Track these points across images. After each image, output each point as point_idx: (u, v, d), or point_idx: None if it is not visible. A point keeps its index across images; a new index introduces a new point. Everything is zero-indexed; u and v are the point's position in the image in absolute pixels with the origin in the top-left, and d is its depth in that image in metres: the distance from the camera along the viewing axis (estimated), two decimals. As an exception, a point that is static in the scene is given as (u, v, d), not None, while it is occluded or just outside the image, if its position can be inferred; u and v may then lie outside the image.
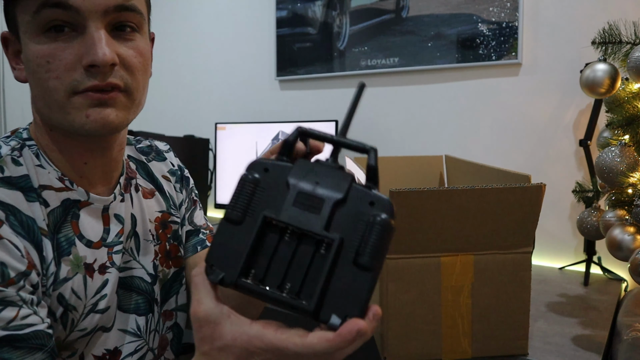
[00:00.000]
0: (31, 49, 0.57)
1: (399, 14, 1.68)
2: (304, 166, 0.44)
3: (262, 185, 0.43)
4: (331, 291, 0.40)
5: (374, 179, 0.46)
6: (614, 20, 1.07)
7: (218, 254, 0.43)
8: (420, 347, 0.83)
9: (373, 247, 0.40)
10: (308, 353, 0.39)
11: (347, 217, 0.42)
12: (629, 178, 0.93)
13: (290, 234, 0.42)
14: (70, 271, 0.61)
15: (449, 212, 0.79)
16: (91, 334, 0.64)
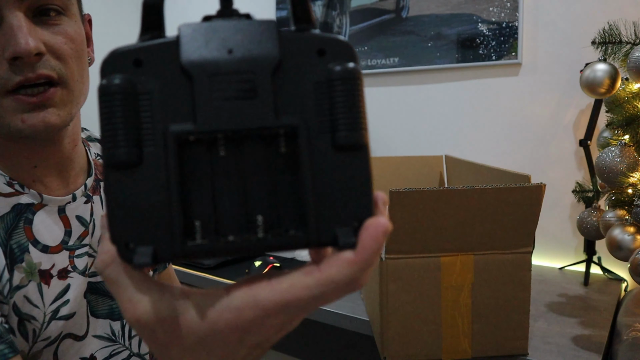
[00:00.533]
0: None
1: (399, 14, 1.68)
2: (195, 32, 0.27)
3: (144, 89, 0.27)
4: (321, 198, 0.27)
5: (306, 15, 0.30)
6: (613, 20, 1.07)
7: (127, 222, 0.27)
8: (420, 347, 0.83)
9: (350, 113, 0.27)
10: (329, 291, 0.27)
11: (295, 87, 0.27)
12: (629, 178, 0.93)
13: (226, 144, 0.27)
14: (23, 279, 0.57)
15: (449, 212, 0.79)
16: (57, 342, 0.60)
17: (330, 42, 0.28)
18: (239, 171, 0.27)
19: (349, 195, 0.27)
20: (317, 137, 0.27)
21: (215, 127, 0.26)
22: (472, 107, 1.59)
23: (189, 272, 1.34)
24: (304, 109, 0.27)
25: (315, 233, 0.27)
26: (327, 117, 0.27)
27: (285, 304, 0.27)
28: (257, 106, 0.26)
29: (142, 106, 0.26)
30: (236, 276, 1.29)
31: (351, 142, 0.27)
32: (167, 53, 0.27)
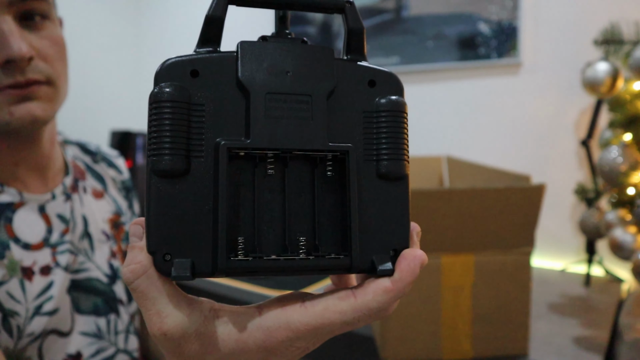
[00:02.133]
0: None
1: (399, 13, 1.68)
2: (253, 51, 0.29)
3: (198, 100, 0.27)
4: (362, 225, 0.28)
5: (360, 48, 0.30)
6: (615, 19, 1.06)
7: (167, 232, 0.26)
8: (420, 348, 0.82)
9: (394, 144, 0.29)
10: (362, 317, 0.28)
11: (346, 114, 0.28)
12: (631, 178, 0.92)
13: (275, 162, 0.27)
14: (5, 275, 0.58)
15: (449, 212, 0.78)
16: (41, 339, 0.61)
17: (381, 74, 0.29)
18: (284, 190, 0.27)
19: (388, 223, 0.29)
20: (363, 165, 0.28)
21: (268, 145, 0.26)
22: (473, 107, 1.58)
23: (188, 272, 1.34)
24: (352, 136, 0.28)
25: (357, 259, 0.27)
26: (373, 146, 0.28)
27: (317, 327, 0.28)
28: (311, 129, 0.27)
29: (195, 117, 0.27)
30: (236, 276, 1.28)
31: (393, 172, 0.29)
32: (225, 67, 0.28)
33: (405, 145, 0.29)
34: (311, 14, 1.88)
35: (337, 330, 0.29)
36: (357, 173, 0.28)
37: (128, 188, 0.83)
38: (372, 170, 0.29)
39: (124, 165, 0.83)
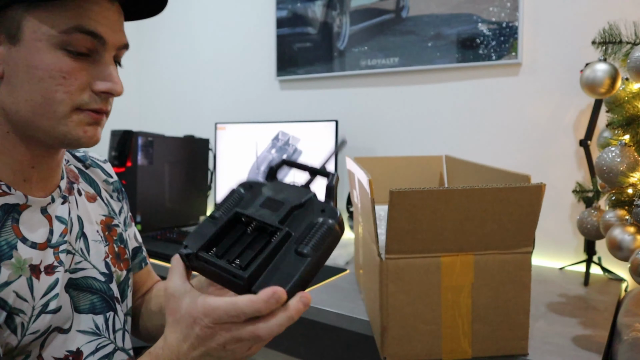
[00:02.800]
0: (45, 60, 0.58)
1: (399, 14, 1.68)
2: (278, 184, 0.57)
3: (243, 196, 0.56)
4: (269, 270, 0.48)
5: (331, 196, 0.54)
6: (614, 20, 1.07)
7: (192, 237, 0.53)
8: (420, 347, 0.83)
9: (315, 241, 0.49)
10: (235, 310, 0.47)
11: (300, 218, 0.52)
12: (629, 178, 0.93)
13: (253, 226, 0.52)
14: (12, 274, 0.60)
15: (449, 212, 0.79)
16: (44, 336, 0.63)
17: (331, 208, 0.52)
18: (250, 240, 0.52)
19: (283, 276, 0.47)
20: (292, 244, 0.49)
21: (251, 215, 0.53)
22: (472, 107, 1.59)
23: (188, 272, 1.34)
24: (296, 229, 0.51)
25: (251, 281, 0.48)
26: (303, 237, 0.49)
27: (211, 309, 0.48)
28: (275, 216, 0.52)
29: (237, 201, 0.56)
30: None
31: (304, 252, 0.48)
32: (261, 186, 0.57)
33: (320, 245, 0.49)
34: (312, 15, 1.88)
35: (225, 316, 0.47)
36: (285, 245, 0.49)
37: (119, 190, 0.87)
38: (294, 247, 0.49)
39: (112, 170, 0.87)
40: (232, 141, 2.00)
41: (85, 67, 0.60)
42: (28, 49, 0.58)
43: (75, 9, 0.58)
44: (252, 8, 2.07)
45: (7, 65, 0.59)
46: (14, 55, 0.58)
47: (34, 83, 0.58)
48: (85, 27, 0.59)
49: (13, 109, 0.60)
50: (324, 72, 1.87)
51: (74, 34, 0.58)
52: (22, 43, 0.58)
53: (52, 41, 0.58)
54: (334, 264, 1.40)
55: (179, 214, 1.96)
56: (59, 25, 0.58)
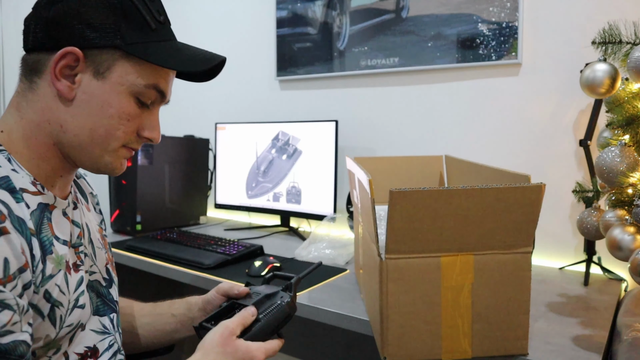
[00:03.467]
0: (121, 103, 0.67)
1: (399, 14, 1.68)
2: (269, 287, 0.85)
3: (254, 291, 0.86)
4: None
5: (290, 289, 0.83)
6: (613, 20, 1.07)
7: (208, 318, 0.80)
8: (420, 347, 0.83)
9: (269, 312, 0.78)
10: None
11: (269, 302, 0.80)
12: (629, 178, 0.93)
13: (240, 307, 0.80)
14: (54, 268, 0.64)
15: (449, 212, 0.79)
16: (74, 330, 0.68)
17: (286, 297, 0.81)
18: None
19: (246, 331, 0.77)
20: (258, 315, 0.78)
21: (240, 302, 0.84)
22: (472, 107, 1.59)
23: (188, 271, 1.35)
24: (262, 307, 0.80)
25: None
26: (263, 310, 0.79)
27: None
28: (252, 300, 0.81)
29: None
30: (235, 276, 1.29)
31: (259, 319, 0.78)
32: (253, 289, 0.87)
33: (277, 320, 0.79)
34: (312, 15, 1.88)
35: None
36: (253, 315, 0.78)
37: (98, 204, 0.91)
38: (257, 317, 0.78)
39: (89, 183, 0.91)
40: (232, 141, 2.00)
41: (142, 115, 0.70)
42: (109, 88, 0.66)
43: (158, 70, 0.69)
44: (252, 8, 2.07)
45: (82, 94, 0.65)
46: (94, 89, 0.65)
47: (103, 117, 0.66)
48: (160, 86, 0.70)
49: (73, 131, 0.66)
50: (324, 72, 1.87)
51: (150, 89, 0.69)
52: (106, 81, 0.66)
53: (131, 89, 0.67)
54: (333, 264, 1.40)
55: (179, 214, 1.96)
56: (142, 79, 0.67)
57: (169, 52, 0.69)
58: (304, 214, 1.80)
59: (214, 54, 0.74)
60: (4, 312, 0.54)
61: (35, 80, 0.66)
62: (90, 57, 0.65)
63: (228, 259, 1.40)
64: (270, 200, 1.89)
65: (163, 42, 0.69)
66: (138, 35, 0.66)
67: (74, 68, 0.65)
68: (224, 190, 2.03)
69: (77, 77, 0.65)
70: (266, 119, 2.04)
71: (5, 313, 0.54)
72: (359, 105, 1.82)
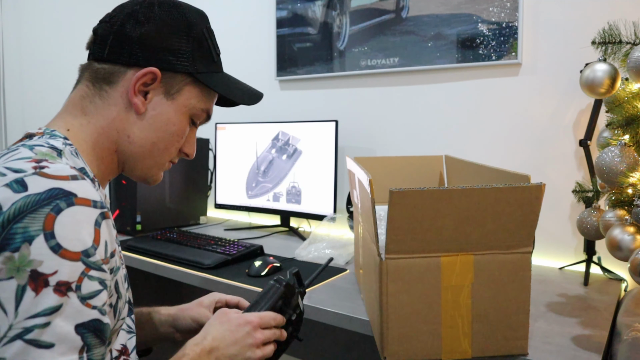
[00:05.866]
0: (181, 122, 0.75)
1: (399, 14, 1.68)
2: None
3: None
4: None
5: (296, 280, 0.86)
6: (613, 20, 1.07)
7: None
8: (420, 347, 0.83)
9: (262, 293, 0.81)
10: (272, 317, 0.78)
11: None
12: (629, 178, 0.93)
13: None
14: (118, 261, 0.66)
15: (449, 212, 0.79)
16: (121, 325, 0.69)
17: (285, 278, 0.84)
18: None
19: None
20: None
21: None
22: (472, 107, 1.59)
23: (188, 271, 1.35)
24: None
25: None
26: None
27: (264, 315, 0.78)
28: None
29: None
30: (235, 276, 1.29)
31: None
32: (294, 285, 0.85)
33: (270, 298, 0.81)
34: (312, 15, 1.88)
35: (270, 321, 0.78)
36: None
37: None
38: None
39: None
40: (232, 141, 2.00)
41: (189, 133, 0.78)
42: (175, 108, 0.74)
43: (212, 96, 0.79)
44: (252, 8, 2.07)
45: (152, 110, 0.72)
46: (162, 106, 0.73)
47: (166, 134, 0.74)
48: (210, 112, 0.79)
49: (139, 142, 0.73)
50: (324, 72, 1.87)
51: (202, 113, 0.78)
52: (174, 102, 0.73)
53: (191, 111, 0.75)
54: (333, 264, 1.40)
55: (179, 214, 1.96)
56: (202, 104, 0.76)
57: (228, 83, 0.78)
58: (304, 214, 1.80)
59: (255, 90, 0.84)
60: (104, 292, 0.57)
61: (105, 88, 0.71)
62: (165, 79, 0.72)
63: (228, 259, 1.40)
64: (270, 200, 1.89)
65: (219, 72, 0.78)
66: (205, 64, 0.75)
67: (149, 85, 0.71)
68: (224, 190, 2.03)
69: (149, 94, 0.72)
70: (266, 119, 2.04)
71: (104, 293, 0.57)
72: (359, 105, 1.82)
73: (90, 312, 0.54)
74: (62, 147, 0.65)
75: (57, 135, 0.67)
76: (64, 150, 0.64)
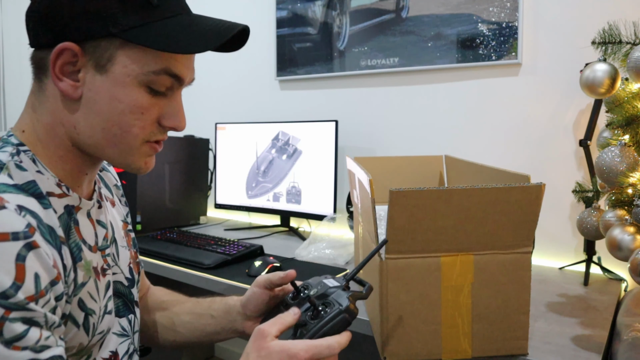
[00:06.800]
0: (130, 96, 0.60)
1: (399, 14, 1.68)
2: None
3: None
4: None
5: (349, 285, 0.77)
6: (613, 20, 1.07)
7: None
8: (420, 347, 0.83)
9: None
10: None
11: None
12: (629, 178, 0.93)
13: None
14: (84, 275, 0.62)
15: (449, 212, 0.79)
16: (105, 337, 0.66)
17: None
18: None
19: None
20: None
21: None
22: (472, 107, 1.59)
23: (188, 271, 1.34)
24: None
25: None
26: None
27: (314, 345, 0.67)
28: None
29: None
30: (235, 276, 1.28)
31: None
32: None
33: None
34: (312, 15, 1.88)
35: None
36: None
37: (124, 194, 0.88)
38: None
39: (115, 173, 0.87)
40: (232, 141, 2.00)
41: (159, 103, 0.63)
42: (114, 82, 0.59)
43: (166, 54, 0.60)
44: (252, 8, 2.07)
45: (88, 91, 0.59)
46: (99, 84, 0.59)
47: (114, 114, 0.60)
48: (173, 70, 0.61)
49: (87, 132, 0.61)
50: (324, 72, 1.87)
51: (161, 75, 0.61)
52: (109, 75, 0.59)
53: (139, 79, 0.60)
54: (333, 264, 1.40)
55: (179, 214, 1.96)
56: (149, 65, 0.60)
57: (174, 32, 0.60)
58: (304, 214, 1.80)
59: (232, 23, 0.63)
60: (32, 330, 0.51)
61: (43, 79, 0.61)
62: (88, 51, 0.58)
63: (228, 259, 1.40)
64: (270, 200, 1.89)
65: (168, 18, 0.60)
66: (137, 17, 0.58)
67: (75, 64, 0.59)
68: (224, 190, 2.03)
69: (80, 73, 0.59)
70: (266, 119, 2.04)
71: (33, 330, 0.51)
72: (359, 105, 1.82)
73: (19, 355, 0.50)
74: (7, 160, 0.58)
75: (9, 143, 0.61)
76: (8, 164, 0.58)
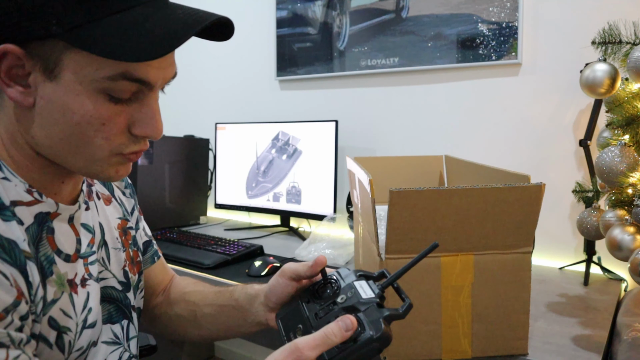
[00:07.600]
0: (85, 106, 0.51)
1: (399, 14, 1.68)
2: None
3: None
4: None
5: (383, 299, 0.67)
6: (613, 20, 1.07)
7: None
8: (420, 347, 0.83)
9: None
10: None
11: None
12: (629, 178, 0.93)
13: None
14: (56, 292, 0.57)
15: (449, 212, 0.79)
16: (86, 352, 0.62)
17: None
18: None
19: None
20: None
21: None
22: (472, 107, 1.59)
23: (189, 271, 1.34)
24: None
25: None
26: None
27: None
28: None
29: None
30: (235, 276, 1.28)
31: None
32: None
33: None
34: (312, 15, 1.88)
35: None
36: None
37: (130, 186, 0.84)
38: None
39: None
40: (232, 141, 2.00)
41: (126, 110, 0.54)
42: (65, 90, 0.51)
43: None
44: (252, 8, 2.07)
45: (40, 99, 0.52)
46: (50, 92, 0.51)
47: (70, 126, 0.52)
48: (134, 74, 0.51)
49: (45, 143, 0.54)
50: (324, 72, 1.87)
51: (119, 81, 0.51)
52: (59, 81, 0.51)
53: (93, 85, 0.51)
54: (333, 264, 1.40)
55: (179, 214, 1.96)
56: (103, 70, 0.50)
57: (122, 31, 0.49)
58: (304, 214, 1.80)
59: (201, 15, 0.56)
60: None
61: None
62: (33, 53, 0.50)
63: (228, 259, 1.40)
64: (270, 200, 1.89)
65: (124, 11, 0.50)
66: (82, 11, 0.49)
67: (23, 67, 0.51)
68: (224, 190, 2.03)
69: (30, 78, 0.51)
70: (266, 119, 2.04)
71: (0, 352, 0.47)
72: (359, 105, 1.82)
73: None
74: None
75: None
76: None
